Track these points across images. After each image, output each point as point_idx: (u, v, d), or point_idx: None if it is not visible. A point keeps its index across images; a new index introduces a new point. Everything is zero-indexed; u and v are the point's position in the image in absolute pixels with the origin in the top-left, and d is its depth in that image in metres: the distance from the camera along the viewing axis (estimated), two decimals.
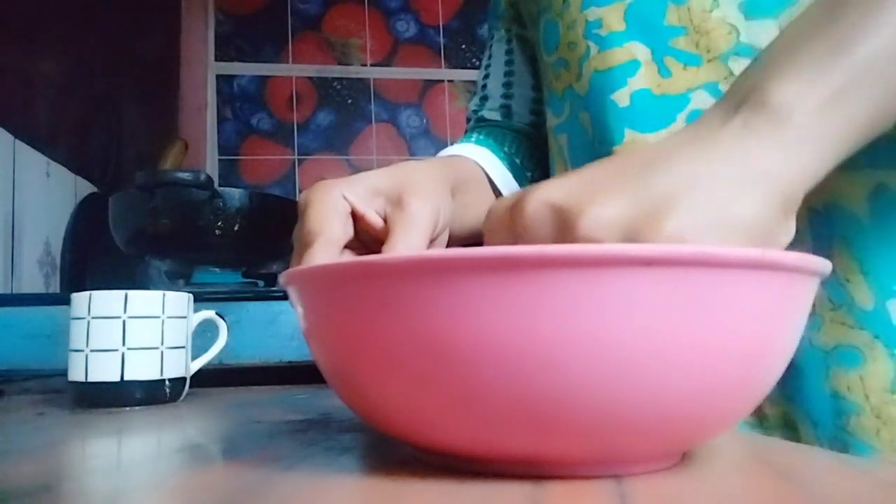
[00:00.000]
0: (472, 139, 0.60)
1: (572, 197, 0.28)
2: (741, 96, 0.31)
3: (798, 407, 0.43)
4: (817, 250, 0.42)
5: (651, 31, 0.48)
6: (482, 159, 0.56)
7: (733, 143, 0.29)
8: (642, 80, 0.48)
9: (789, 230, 0.29)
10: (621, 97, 0.49)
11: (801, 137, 0.29)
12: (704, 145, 0.29)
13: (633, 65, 0.49)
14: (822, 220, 0.43)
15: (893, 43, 0.30)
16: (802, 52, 0.31)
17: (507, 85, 0.65)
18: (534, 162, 0.62)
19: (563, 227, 0.28)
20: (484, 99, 0.66)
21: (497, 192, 0.56)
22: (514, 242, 0.29)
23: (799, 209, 0.43)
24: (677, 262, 0.21)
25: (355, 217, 0.39)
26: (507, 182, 0.57)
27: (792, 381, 0.43)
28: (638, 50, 0.49)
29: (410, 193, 0.38)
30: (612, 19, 0.50)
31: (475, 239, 0.52)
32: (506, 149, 0.60)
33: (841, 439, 0.42)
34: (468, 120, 0.68)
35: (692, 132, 0.31)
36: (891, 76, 0.30)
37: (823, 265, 0.24)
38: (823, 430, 0.43)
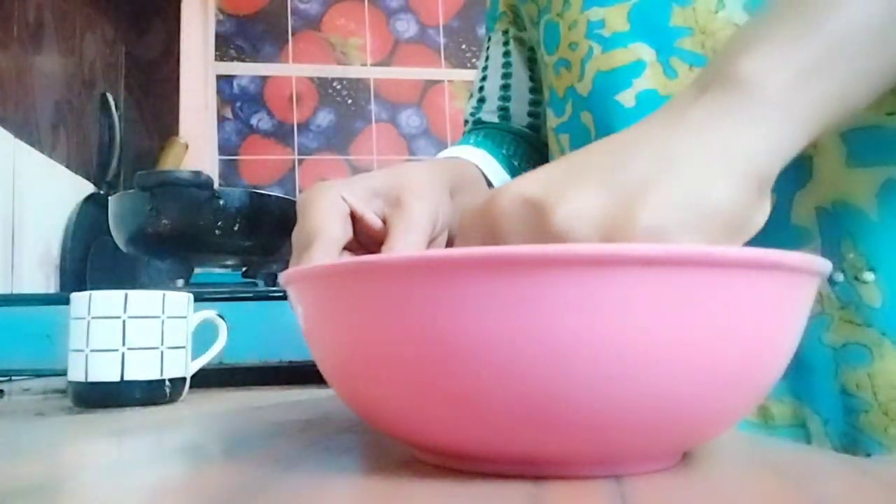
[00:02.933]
0: (471, 141, 0.60)
1: (546, 190, 0.27)
2: (711, 76, 0.30)
3: (808, 405, 0.44)
4: (826, 249, 0.43)
5: (656, 32, 0.48)
6: (480, 161, 0.56)
7: (704, 121, 0.28)
8: (648, 80, 0.48)
9: (764, 210, 0.28)
10: (626, 98, 0.49)
11: (775, 112, 0.28)
12: (676, 126, 0.28)
13: (639, 65, 0.49)
14: (830, 218, 0.43)
15: (864, 20, 0.30)
16: (774, 30, 0.30)
17: (504, 87, 0.65)
18: (532, 164, 0.62)
19: (538, 222, 0.27)
20: (481, 101, 0.66)
21: None
22: (486, 243, 0.28)
23: (807, 208, 0.43)
24: (677, 262, 0.21)
25: (354, 218, 0.39)
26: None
27: (802, 379, 0.43)
28: (643, 51, 0.49)
29: (409, 194, 0.38)
30: (616, 20, 0.50)
31: None
32: (504, 150, 0.60)
33: (851, 436, 0.42)
34: (465, 122, 0.68)
35: (663, 114, 0.30)
36: (862, 53, 0.30)
37: (824, 265, 0.24)
38: (834, 427, 0.43)
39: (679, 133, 0.28)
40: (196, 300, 0.58)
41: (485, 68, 0.67)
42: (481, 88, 0.67)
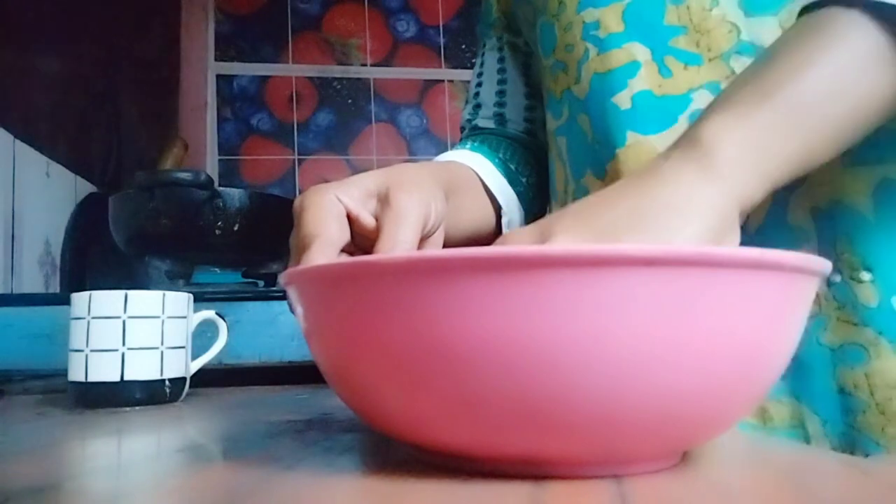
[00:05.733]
0: (467, 146, 0.60)
1: (539, 232, 0.32)
2: (681, 140, 0.35)
3: (806, 405, 0.44)
4: (822, 249, 0.43)
5: (650, 31, 0.48)
6: (477, 165, 0.56)
7: (671, 175, 0.33)
8: (643, 81, 0.48)
9: (732, 243, 0.33)
10: (622, 99, 0.49)
11: (731, 167, 0.33)
12: (647, 180, 0.33)
13: (634, 66, 0.49)
14: (826, 218, 0.43)
15: (823, 87, 0.34)
16: (734, 97, 0.35)
17: (500, 93, 0.65)
18: (528, 168, 0.62)
19: None
20: (477, 107, 0.66)
21: (492, 197, 0.56)
22: None
23: (803, 209, 0.43)
24: (677, 262, 0.21)
25: (350, 219, 0.39)
26: (501, 187, 0.57)
27: (800, 380, 0.43)
28: (638, 50, 0.49)
29: (397, 190, 0.38)
30: (610, 20, 0.50)
31: (470, 242, 0.51)
32: (500, 155, 0.60)
33: (849, 436, 0.42)
34: (462, 129, 0.68)
35: (642, 171, 0.35)
36: (814, 118, 0.34)
37: (823, 265, 0.24)
38: (832, 427, 0.43)
39: (650, 187, 0.33)
40: (196, 300, 0.58)
41: (480, 74, 0.67)
42: (477, 95, 0.67)
